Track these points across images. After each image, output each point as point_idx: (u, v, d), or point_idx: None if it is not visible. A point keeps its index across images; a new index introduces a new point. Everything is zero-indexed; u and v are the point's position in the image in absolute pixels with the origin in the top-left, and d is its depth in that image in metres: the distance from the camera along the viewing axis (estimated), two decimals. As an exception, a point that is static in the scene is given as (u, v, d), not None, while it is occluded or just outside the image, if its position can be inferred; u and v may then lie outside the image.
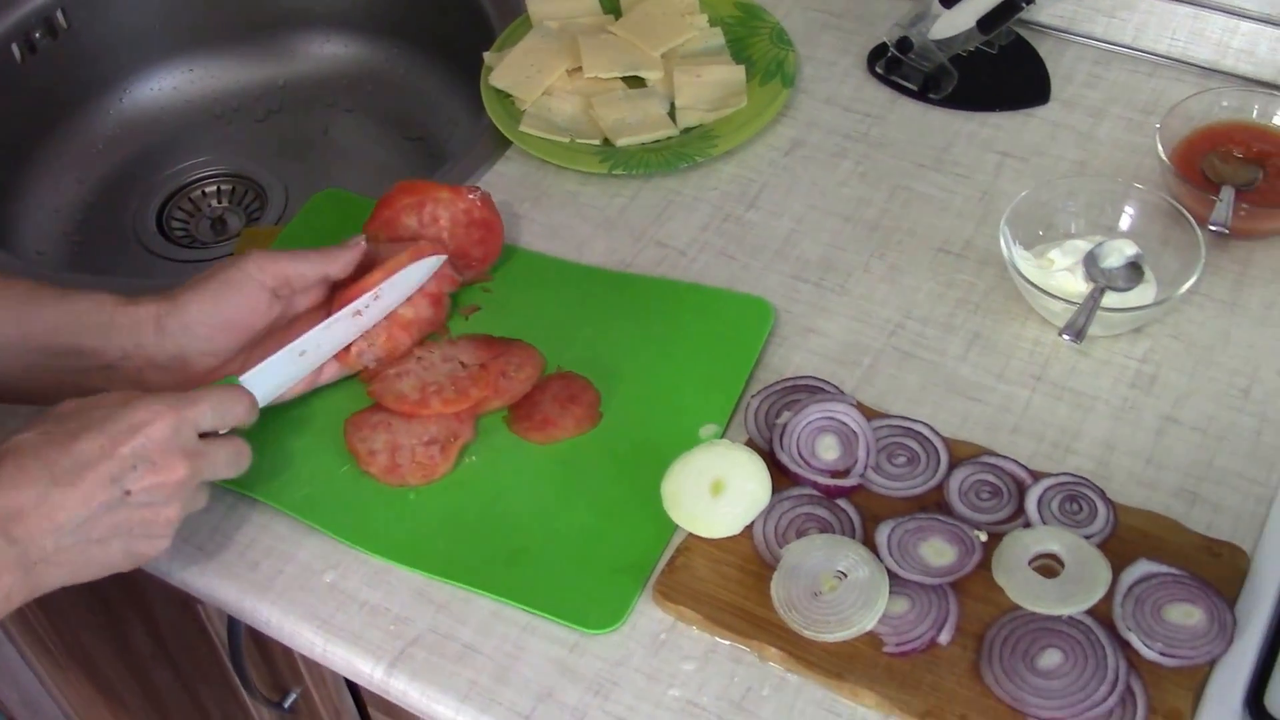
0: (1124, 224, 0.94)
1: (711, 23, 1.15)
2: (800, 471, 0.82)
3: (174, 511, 0.74)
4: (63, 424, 0.72)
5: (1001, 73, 1.11)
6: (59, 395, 0.75)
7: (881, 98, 1.11)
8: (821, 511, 0.81)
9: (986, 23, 1.08)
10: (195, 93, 1.40)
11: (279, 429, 0.89)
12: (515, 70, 1.11)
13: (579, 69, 1.12)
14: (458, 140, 1.28)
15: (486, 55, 1.14)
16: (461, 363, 0.91)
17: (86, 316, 0.81)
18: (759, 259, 0.99)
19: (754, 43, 1.14)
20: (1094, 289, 0.89)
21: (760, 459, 0.82)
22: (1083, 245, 0.92)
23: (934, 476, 0.83)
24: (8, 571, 0.69)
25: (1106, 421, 0.87)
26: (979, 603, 0.77)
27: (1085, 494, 0.81)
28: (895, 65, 1.12)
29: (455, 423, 0.88)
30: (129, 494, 0.72)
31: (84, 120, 1.36)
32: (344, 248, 0.89)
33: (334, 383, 0.90)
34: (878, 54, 1.13)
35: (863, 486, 0.83)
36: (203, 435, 0.76)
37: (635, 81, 1.12)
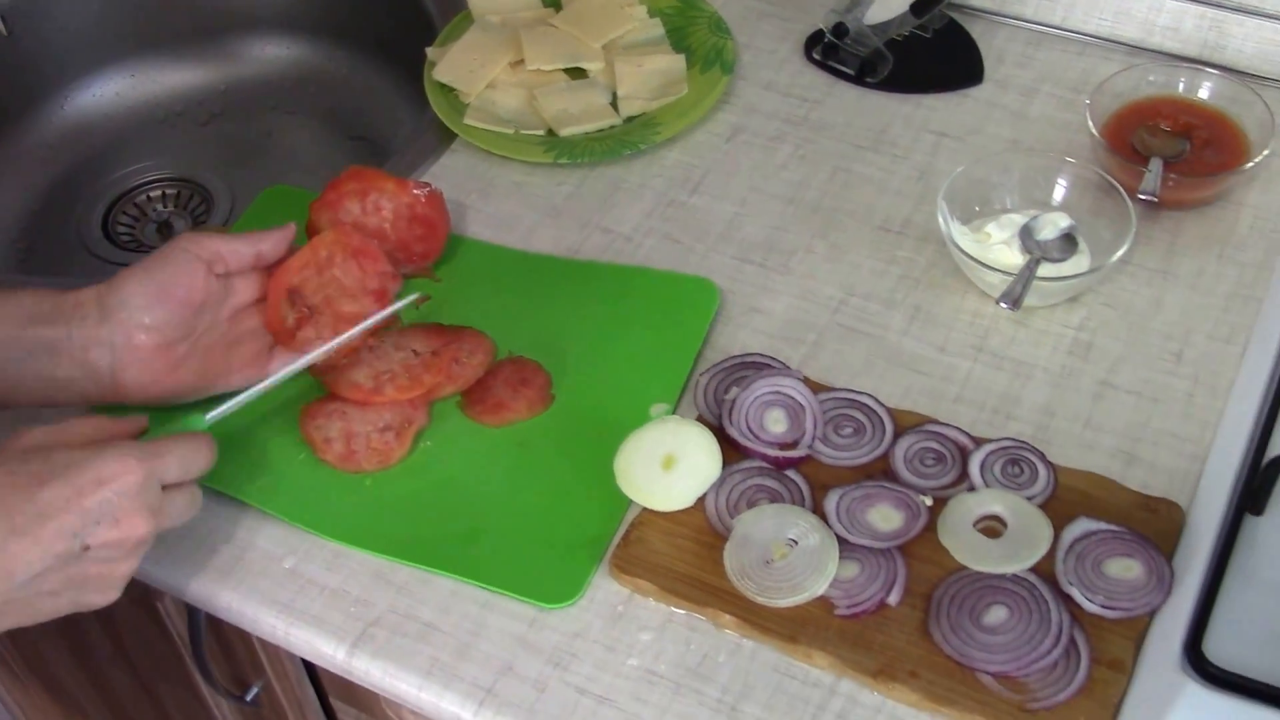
0: (1057, 197, 0.97)
1: (650, 14, 1.17)
2: (749, 444, 0.84)
3: (129, 567, 0.73)
4: (27, 464, 0.70)
5: (936, 56, 1.13)
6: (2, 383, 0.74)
7: (819, 83, 1.13)
8: (771, 482, 0.83)
9: (919, 7, 1.11)
10: (138, 98, 1.40)
11: (235, 420, 0.89)
12: (458, 64, 1.13)
13: (521, 62, 1.13)
14: (403, 137, 1.29)
15: (429, 50, 1.15)
16: (414, 351, 0.92)
17: (31, 308, 0.82)
18: (704, 242, 1.01)
19: (693, 32, 1.15)
20: (1030, 260, 0.91)
21: (710, 433, 0.83)
22: (1018, 219, 0.95)
23: (880, 446, 0.85)
24: None
25: (1045, 388, 0.89)
26: (926, 564, 0.79)
27: (1026, 457, 0.83)
28: (832, 51, 1.14)
29: (409, 409, 0.89)
30: (88, 549, 0.70)
31: (27, 127, 1.35)
32: (275, 229, 0.90)
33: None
34: (814, 40, 1.15)
35: (811, 457, 0.85)
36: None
37: (577, 73, 1.13)
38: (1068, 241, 0.94)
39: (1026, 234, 0.94)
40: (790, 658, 0.77)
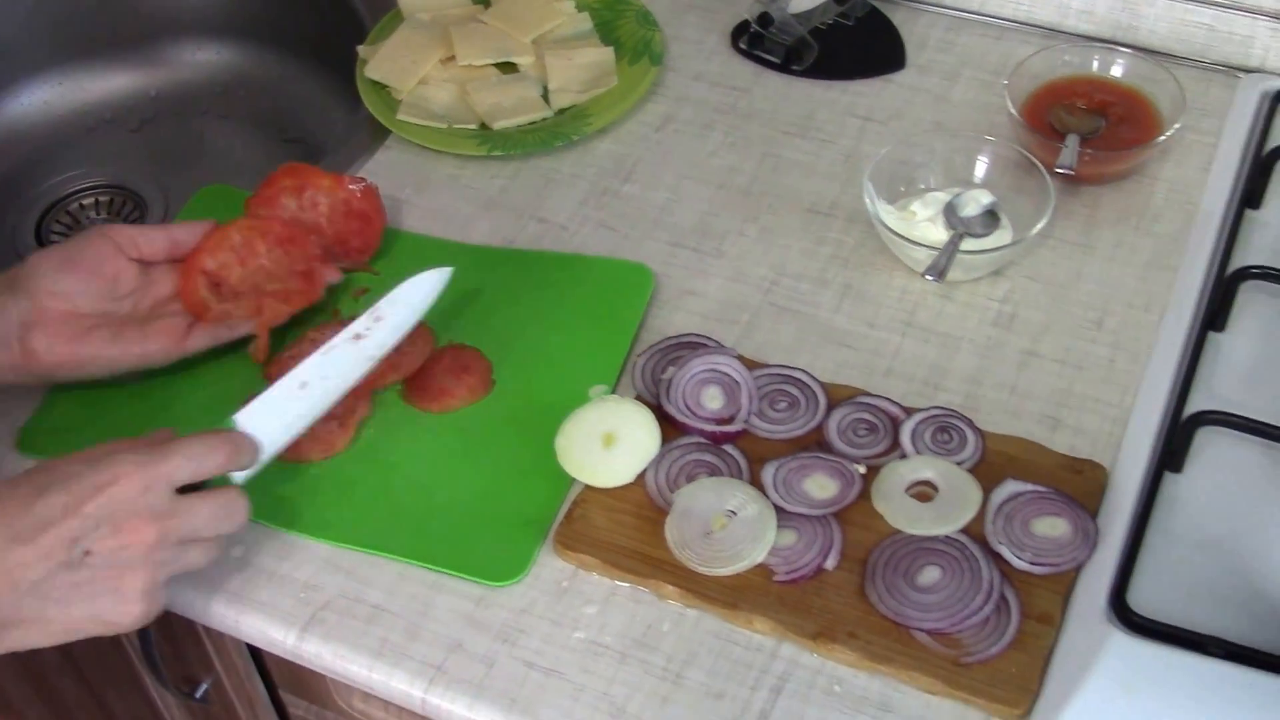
0: (979, 175, 1.00)
1: (578, 8, 1.19)
2: (687, 421, 0.86)
3: (142, 577, 0.72)
4: (30, 478, 0.71)
5: (859, 43, 1.16)
6: None
7: (746, 72, 1.15)
8: (709, 457, 0.85)
9: (841, -5, 1.14)
10: (66, 105, 1.39)
11: (179, 414, 0.90)
12: (390, 62, 1.14)
13: (452, 58, 1.15)
14: (336, 138, 1.30)
15: (360, 49, 1.16)
16: (354, 342, 0.93)
17: None
18: (638, 229, 1.03)
19: (621, 25, 1.17)
20: (954, 235, 0.94)
21: (649, 411, 0.85)
22: (942, 197, 0.98)
23: (814, 418, 0.87)
24: None
25: (972, 359, 0.92)
26: (861, 530, 0.81)
27: (955, 424, 0.86)
28: (758, 40, 1.16)
29: (352, 399, 0.89)
30: (89, 554, 0.70)
31: (-45, 137, 1.35)
32: (193, 221, 0.92)
33: (227, 367, 0.92)
34: (740, 30, 1.18)
35: (747, 432, 0.87)
36: (190, 488, 0.74)
37: (508, 67, 1.15)
38: (990, 217, 0.96)
39: (950, 211, 0.96)
40: (732, 624, 0.79)
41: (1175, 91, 1.02)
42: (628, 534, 0.82)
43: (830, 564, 0.79)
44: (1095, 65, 1.06)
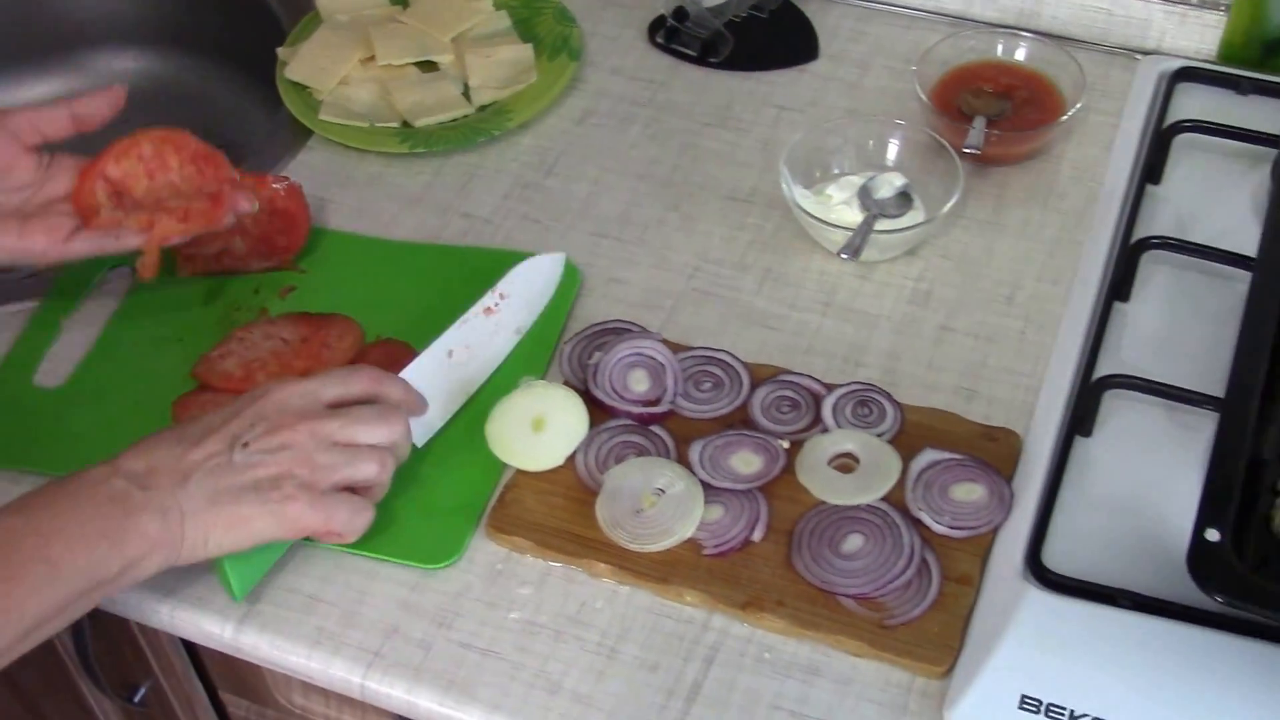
0: (891, 158, 1.03)
1: (496, 7, 1.20)
2: (615, 404, 0.88)
3: (302, 470, 0.77)
4: (199, 415, 0.80)
5: (773, 34, 1.19)
6: None
7: (664, 65, 1.18)
8: (637, 438, 0.87)
9: (754, -12, 1.16)
10: (-15, 115, 1.38)
11: (105, 416, 0.91)
12: (309, 63, 1.15)
13: (372, 58, 1.15)
14: (258, 140, 1.30)
15: (280, 51, 1.17)
16: (283, 339, 0.94)
17: None
18: (561, 221, 1.04)
19: (539, 22, 1.19)
20: (868, 216, 0.97)
21: (576, 395, 0.87)
22: (856, 180, 1.00)
23: (738, 397, 0.89)
24: (141, 511, 0.73)
25: (890, 336, 0.95)
26: (787, 503, 0.83)
27: (874, 398, 0.89)
28: (674, 34, 1.18)
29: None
30: (247, 445, 0.76)
31: None
32: (98, 91, 0.90)
33: (152, 352, 0.94)
34: (657, 25, 1.20)
35: (674, 412, 0.89)
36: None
37: (428, 66, 1.16)
38: (903, 199, 0.99)
39: (865, 194, 0.99)
40: (664, 599, 0.81)
41: (1076, 74, 1.06)
42: (559, 516, 0.84)
43: (757, 536, 0.81)
44: (1000, 50, 1.09)
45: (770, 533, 0.82)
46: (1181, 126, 1.01)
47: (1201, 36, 1.11)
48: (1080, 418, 0.85)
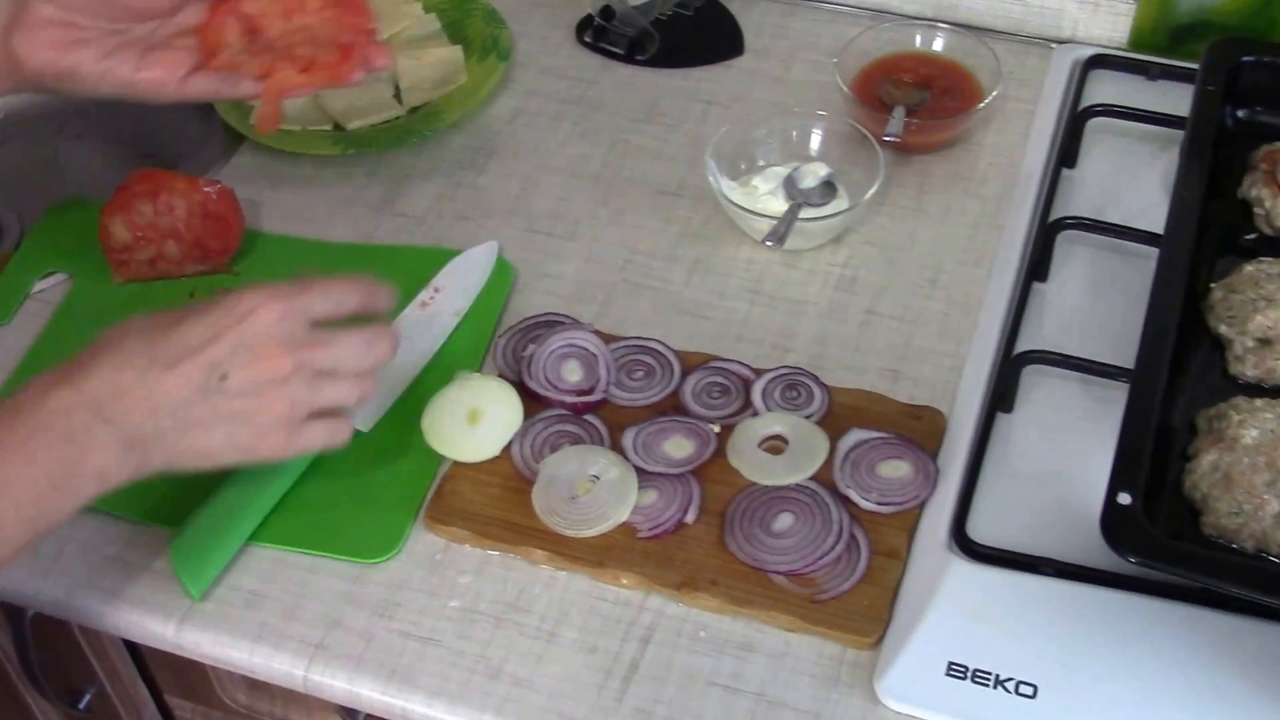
0: (815, 149, 1.05)
1: (426, 9, 1.22)
2: (549, 394, 0.90)
3: (280, 406, 0.74)
4: (169, 311, 0.74)
5: (699, 32, 1.21)
6: None
7: (593, 64, 1.19)
8: (572, 427, 0.89)
9: (679, -14, 1.18)
10: (-90, 130, 1.37)
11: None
12: (241, 68, 1.15)
13: (304, 63, 1.16)
14: (192, 147, 1.30)
15: (211, 57, 1.17)
16: (218, 341, 0.94)
17: None
18: (494, 218, 1.06)
19: (469, 24, 1.20)
20: (792, 204, 0.99)
21: (510, 387, 0.89)
22: (781, 171, 1.03)
23: (669, 385, 0.91)
24: (102, 449, 0.70)
25: (817, 321, 0.97)
26: (719, 485, 0.85)
27: (802, 381, 0.91)
28: (602, 33, 1.20)
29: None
30: (226, 379, 0.72)
31: None
32: None
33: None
34: (585, 25, 1.22)
35: (607, 401, 0.90)
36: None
37: (360, 69, 1.17)
38: (827, 188, 1.02)
39: (790, 184, 1.01)
40: (600, 582, 0.82)
41: (993, 63, 1.09)
42: (497, 505, 0.85)
43: (690, 518, 0.83)
44: (918, 42, 1.12)
45: (703, 514, 0.84)
46: (1093, 111, 1.04)
47: (1113, 25, 1.14)
48: (1001, 394, 0.88)
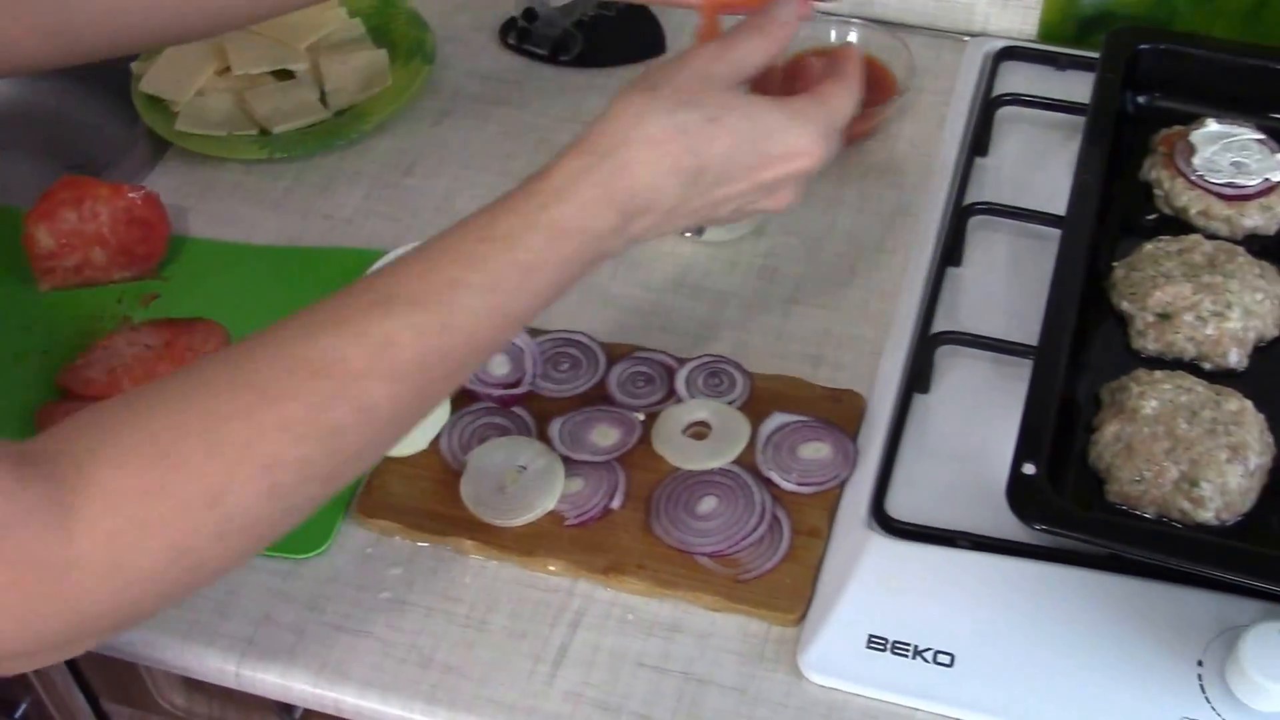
0: (735, 143, 1.07)
1: (350, 15, 1.23)
2: (475, 388, 0.91)
3: (758, 207, 0.74)
4: (701, 105, 0.69)
5: (621, 32, 1.23)
6: None
7: (517, 66, 1.21)
8: (499, 419, 0.90)
9: (599, -12, 1.20)
10: None
11: None
12: (164, 75, 1.16)
13: (228, 69, 1.17)
14: (118, 155, 1.30)
15: (134, 65, 1.18)
16: (146, 344, 0.95)
17: None
18: (420, 218, 1.07)
19: (393, 28, 1.22)
20: (712, 197, 1.01)
21: (437, 382, 0.90)
22: (702, 165, 1.05)
23: (595, 376, 0.93)
24: (610, 255, 0.70)
25: (740, 311, 0.99)
26: (644, 471, 0.87)
27: (725, 369, 0.93)
28: (526, 35, 1.22)
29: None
30: (737, 210, 0.72)
31: None
32: None
33: (13, 366, 0.94)
34: (509, 27, 1.23)
35: (533, 393, 0.92)
36: None
37: (284, 75, 1.18)
38: (748, 181, 1.04)
39: (711, 178, 1.03)
40: (529, 569, 0.84)
41: (907, 57, 1.11)
42: (426, 497, 0.86)
43: (616, 504, 0.85)
44: (833, 37, 1.14)
45: (629, 500, 0.85)
46: (1003, 100, 1.07)
47: (1023, 18, 1.17)
48: (917, 375, 0.90)
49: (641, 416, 0.90)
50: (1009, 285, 0.96)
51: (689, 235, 0.99)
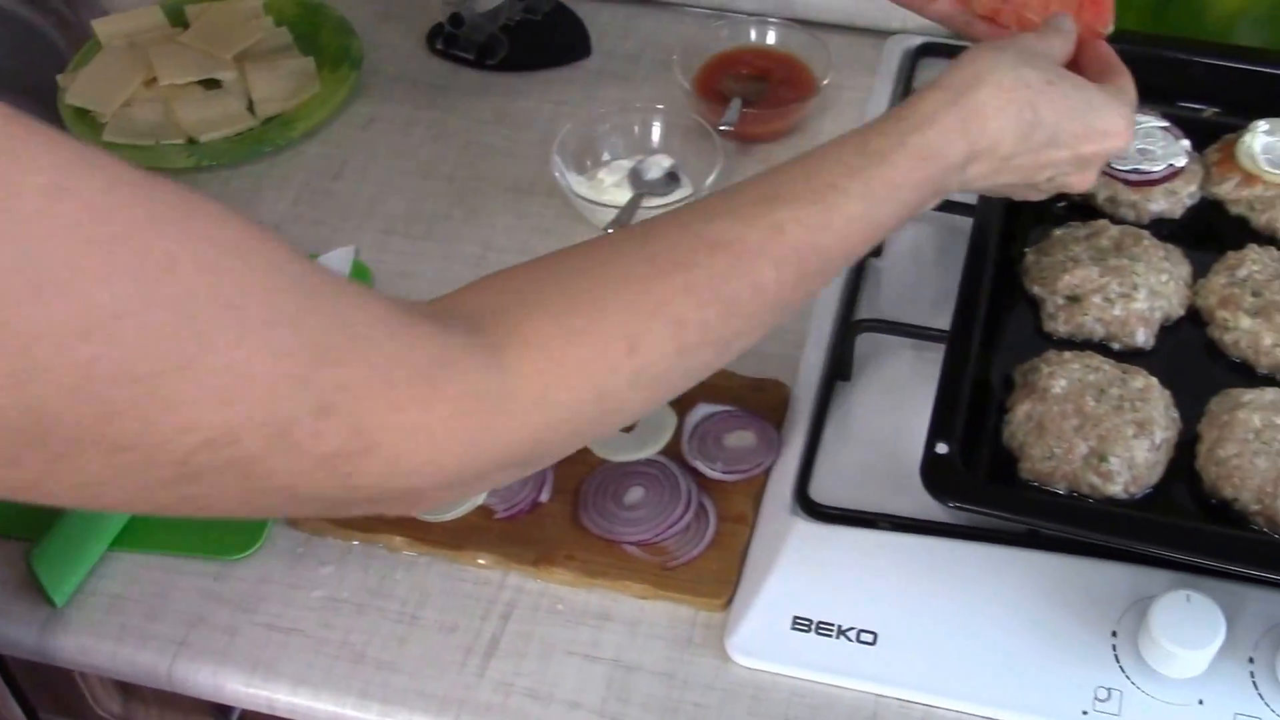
0: (657, 142, 1.09)
1: (277, 23, 1.23)
2: (405, 387, 0.92)
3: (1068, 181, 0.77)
4: (1053, 86, 0.74)
5: (547, 36, 1.24)
6: None
7: (444, 70, 1.22)
8: (428, 418, 0.91)
9: (524, -8, 1.21)
10: None
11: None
12: (91, 87, 1.16)
13: (155, 79, 1.17)
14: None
15: (60, 78, 1.18)
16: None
17: None
18: (349, 222, 1.08)
19: (320, 35, 1.22)
20: (634, 195, 1.02)
21: (366, 382, 0.90)
22: (626, 164, 1.06)
23: (524, 372, 0.94)
24: (945, 194, 0.73)
25: (666, 306, 1.00)
26: (572, 464, 0.86)
27: (651, 362, 0.94)
28: (452, 40, 1.23)
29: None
30: (1052, 179, 0.76)
31: None
32: None
33: None
34: (435, 33, 1.24)
35: (462, 391, 0.93)
36: None
37: (211, 84, 1.18)
38: (671, 179, 1.06)
39: (635, 176, 1.05)
40: (459, 563, 0.85)
41: (825, 54, 1.13)
42: (356, 496, 0.87)
43: (545, 497, 0.86)
44: (753, 36, 1.17)
45: (557, 493, 0.87)
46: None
47: (940, 14, 1.20)
48: (839, 363, 0.92)
49: (569, 411, 0.91)
50: (929, 275, 0.99)
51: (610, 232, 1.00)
